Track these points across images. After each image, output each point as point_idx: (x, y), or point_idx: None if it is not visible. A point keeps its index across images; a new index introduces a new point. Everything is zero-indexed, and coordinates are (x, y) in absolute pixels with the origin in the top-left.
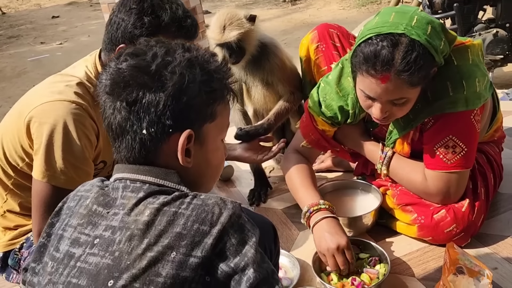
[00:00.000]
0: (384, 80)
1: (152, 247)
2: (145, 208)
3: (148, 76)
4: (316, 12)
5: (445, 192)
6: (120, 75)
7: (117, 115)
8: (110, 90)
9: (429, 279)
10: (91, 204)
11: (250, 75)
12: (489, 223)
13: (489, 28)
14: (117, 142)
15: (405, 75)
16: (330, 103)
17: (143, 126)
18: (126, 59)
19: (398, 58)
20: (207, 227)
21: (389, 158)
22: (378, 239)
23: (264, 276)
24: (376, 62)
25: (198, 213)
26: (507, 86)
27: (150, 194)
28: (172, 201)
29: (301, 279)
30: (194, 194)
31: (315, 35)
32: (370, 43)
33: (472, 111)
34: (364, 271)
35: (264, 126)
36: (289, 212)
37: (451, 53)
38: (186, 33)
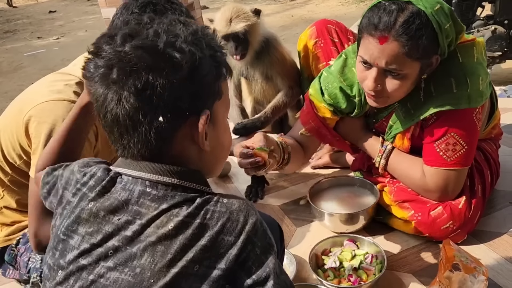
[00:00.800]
0: (383, 41)
1: (176, 262)
2: (168, 221)
3: (157, 56)
4: (314, 8)
5: (443, 189)
6: (123, 59)
7: (126, 105)
8: (114, 78)
9: (426, 276)
10: (96, 210)
11: (250, 68)
12: (486, 220)
13: (488, 25)
14: (126, 137)
15: (403, 39)
16: (333, 91)
17: (159, 114)
18: (126, 40)
19: (401, 21)
20: (233, 237)
21: (388, 152)
22: (375, 235)
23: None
24: (379, 22)
25: (223, 223)
26: (505, 83)
27: (174, 206)
28: (196, 211)
29: (297, 275)
30: (216, 198)
31: (313, 31)
32: (377, 7)
33: (475, 109)
34: (361, 267)
35: (261, 119)
36: (286, 208)
37: (456, 49)
38: None
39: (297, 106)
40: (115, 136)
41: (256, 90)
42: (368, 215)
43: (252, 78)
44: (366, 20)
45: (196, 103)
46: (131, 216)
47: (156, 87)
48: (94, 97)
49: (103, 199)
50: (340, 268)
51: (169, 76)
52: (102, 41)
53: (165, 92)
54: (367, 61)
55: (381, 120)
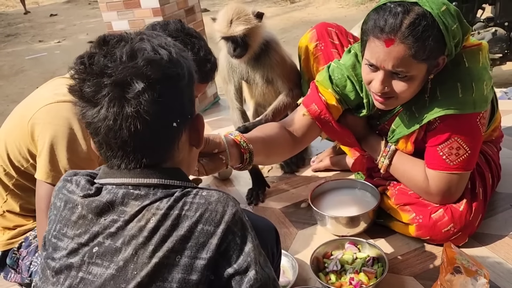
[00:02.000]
0: (389, 44)
1: (156, 253)
2: (149, 214)
3: (166, 68)
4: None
5: (445, 192)
6: (137, 73)
7: (138, 119)
8: (130, 93)
9: (427, 279)
10: (85, 212)
11: (251, 71)
12: (487, 222)
13: (488, 27)
14: (126, 149)
15: (410, 41)
16: (343, 82)
17: (172, 120)
18: (134, 56)
19: (407, 23)
20: (212, 227)
21: (392, 152)
22: (376, 238)
23: (265, 280)
24: (385, 24)
25: (201, 213)
26: (506, 85)
27: (155, 201)
28: (175, 203)
29: (299, 278)
30: (196, 191)
31: (313, 34)
32: (383, 8)
33: (479, 114)
34: (362, 270)
35: (262, 121)
36: (287, 211)
37: (463, 54)
38: (204, 77)
39: None
40: (111, 151)
41: (257, 93)
42: (369, 218)
43: (253, 82)
44: (372, 22)
45: (192, 107)
46: (117, 215)
47: (168, 96)
48: (95, 116)
49: (89, 201)
50: (341, 271)
51: (176, 85)
52: (96, 59)
53: (176, 100)
54: (373, 64)
55: (383, 123)
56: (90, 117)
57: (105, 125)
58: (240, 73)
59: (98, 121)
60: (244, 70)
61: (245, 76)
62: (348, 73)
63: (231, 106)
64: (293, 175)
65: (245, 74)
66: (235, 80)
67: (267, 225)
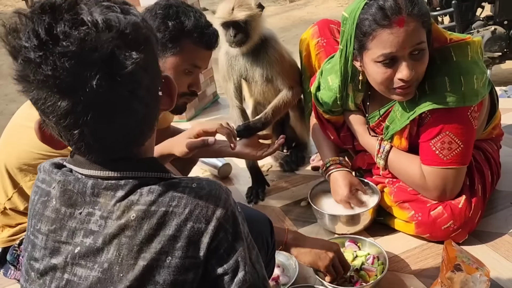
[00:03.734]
0: (401, 23)
1: (144, 254)
2: (129, 210)
3: (136, 34)
4: (314, 9)
5: (442, 188)
6: (116, 41)
7: (110, 90)
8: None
9: (427, 277)
10: (58, 205)
11: (250, 69)
12: (487, 220)
13: (487, 26)
14: (102, 126)
15: (415, 10)
16: (323, 92)
17: (157, 88)
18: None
19: (401, 0)
20: (203, 224)
21: (386, 152)
22: (376, 236)
23: (254, 280)
24: (386, 12)
25: (191, 210)
26: (505, 83)
27: (130, 192)
28: (159, 197)
29: (299, 276)
30: (185, 182)
31: (315, 30)
32: (369, 5)
33: (469, 108)
34: (362, 268)
35: (261, 120)
36: (287, 209)
37: (450, 49)
38: (208, 40)
39: (298, 105)
40: (74, 136)
41: (256, 91)
42: (369, 216)
43: (252, 80)
44: (370, 18)
45: (160, 78)
46: (91, 207)
47: (151, 62)
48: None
49: (60, 193)
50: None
51: (153, 48)
52: (60, 31)
53: (156, 65)
54: (391, 55)
55: (378, 120)
56: (62, 109)
57: (92, 115)
58: (240, 71)
59: (79, 111)
60: (243, 68)
61: (244, 74)
62: (326, 79)
63: (231, 104)
64: (293, 173)
65: (244, 72)
66: (234, 78)
67: (262, 216)
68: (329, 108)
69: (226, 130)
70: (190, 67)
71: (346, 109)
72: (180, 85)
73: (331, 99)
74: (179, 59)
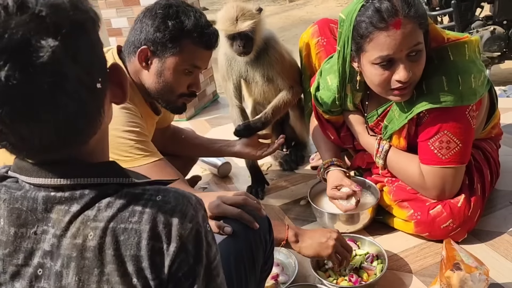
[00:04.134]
0: (398, 25)
1: (107, 277)
2: (85, 228)
3: (68, 12)
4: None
5: (441, 187)
6: (30, 24)
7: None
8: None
9: (426, 275)
10: (7, 226)
11: (250, 70)
12: (486, 219)
13: (487, 25)
14: (23, 124)
15: (412, 12)
16: (322, 92)
17: (95, 79)
18: None
19: (398, 2)
20: (164, 244)
21: (385, 152)
22: (376, 235)
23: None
24: (382, 14)
25: (152, 227)
26: (505, 83)
27: (87, 206)
28: (118, 212)
29: (298, 275)
30: (148, 195)
31: (315, 30)
32: (366, 7)
33: (467, 107)
34: (361, 267)
35: (261, 120)
36: (287, 208)
37: (448, 48)
38: (207, 40)
39: (298, 105)
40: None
41: (256, 91)
42: (369, 215)
43: (252, 80)
44: (367, 21)
45: (105, 58)
46: (45, 225)
47: (83, 49)
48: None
49: (7, 212)
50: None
51: (88, 33)
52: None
53: (92, 53)
54: (388, 57)
55: (376, 119)
56: None
57: (7, 112)
58: (239, 71)
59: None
60: (243, 69)
61: (244, 75)
62: (325, 80)
63: (230, 104)
64: (293, 172)
65: (244, 73)
66: (234, 78)
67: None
68: (328, 108)
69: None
70: (190, 67)
71: (345, 109)
72: (179, 85)
73: (330, 99)
74: (179, 59)
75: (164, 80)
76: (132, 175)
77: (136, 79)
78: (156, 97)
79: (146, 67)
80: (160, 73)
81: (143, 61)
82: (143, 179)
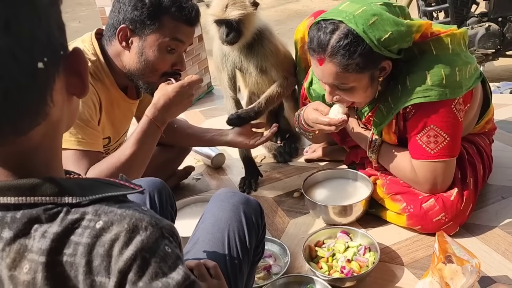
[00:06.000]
0: (321, 62)
1: None
2: (22, 259)
3: None
4: (309, 2)
5: (432, 181)
6: None
7: None
8: None
9: (418, 268)
10: None
11: (244, 61)
12: (478, 213)
13: (482, 22)
14: None
15: (337, 59)
16: (317, 86)
17: (36, 58)
18: None
19: (333, 42)
20: (104, 277)
21: (378, 146)
22: (368, 228)
23: None
24: (315, 44)
25: (90, 260)
26: (498, 80)
27: (21, 233)
28: (52, 243)
29: (291, 266)
30: (87, 221)
31: (311, 22)
32: (316, 27)
33: (453, 100)
34: (354, 259)
35: (255, 109)
36: (280, 200)
37: (430, 43)
38: (187, 15)
39: (292, 96)
40: None
41: (251, 82)
42: (362, 208)
43: (246, 71)
44: (309, 40)
45: (63, 39)
46: None
47: (24, 21)
48: None
49: None
50: (333, 260)
51: (34, 3)
52: None
53: (37, 27)
54: None
55: (367, 116)
56: None
57: None
58: (234, 62)
59: None
60: (237, 59)
61: (239, 65)
62: None
63: (225, 95)
64: (286, 164)
65: (238, 63)
66: (229, 69)
67: (252, 199)
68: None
69: None
70: (172, 43)
71: None
72: (162, 63)
73: (323, 93)
74: (159, 36)
75: (145, 58)
76: (75, 189)
77: (118, 62)
78: (137, 78)
79: (127, 47)
80: (142, 51)
81: (124, 40)
82: (90, 194)
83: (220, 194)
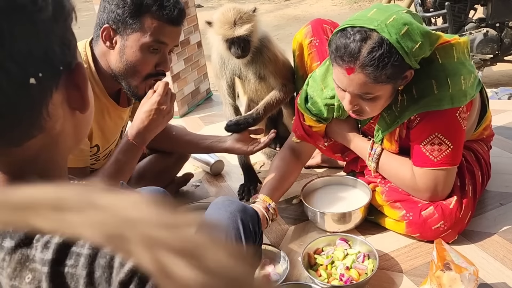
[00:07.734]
0: (349, 72)
1: None
2: (23, 269)
3: None
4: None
5: (433, 189)
6: None
7: None
8: None
9: (417, 275)
10: None
11: (243, 68)
12: (476, 220)
13: (480, 28)
14: None
15: (368, 70)
16: (316, 100)
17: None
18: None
19: (364, 52)
20: (106, 284)
21: (378, 155)
22: (367, 235)
23: None
24: (344, 53)
25: (92, 270)
26: (496, 85)
27: (23, 242)
28: (55, 254)
29: (290, 274)
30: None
31: (309, 30)
32: (343, 34)
33: (458, 109)
34: (353, 266)
35: (253, 116)
36: (279, 207)
37: (435, 51)
38: (169, 14)
39: (291, 103)
40: None
41: (249, 89)
42: (361, 215)
43: (245, 78)
44: (334, 47)
45: (67, 55)
46: None
47: (21, 35)
48: None
49: None
50: (332, 267)
51: (32, 18)
52: None
53: (33, 42)
54: (339, 86)
55: (369, 122)
56: None
57: None
58: (233, 69)
59: None
60: (236, 67)
61: (238, 73)
62: (319, 87)
63: (224, 101)
64: None
65: (237, 71)
66: (228, 76)
67: (249, 207)
68: (324, 116)
69: None
70: (154, 44)
71: (341, 117)
72: (144, 64)
73: (326, 108)
74: (141, 35)
75: (126, 59)
76: None
77: (103, 62)
78: (120, 79)
79: (111, 47)
80: (123, 51)
81: (108, 40)
82: None
83: (217, 202)
